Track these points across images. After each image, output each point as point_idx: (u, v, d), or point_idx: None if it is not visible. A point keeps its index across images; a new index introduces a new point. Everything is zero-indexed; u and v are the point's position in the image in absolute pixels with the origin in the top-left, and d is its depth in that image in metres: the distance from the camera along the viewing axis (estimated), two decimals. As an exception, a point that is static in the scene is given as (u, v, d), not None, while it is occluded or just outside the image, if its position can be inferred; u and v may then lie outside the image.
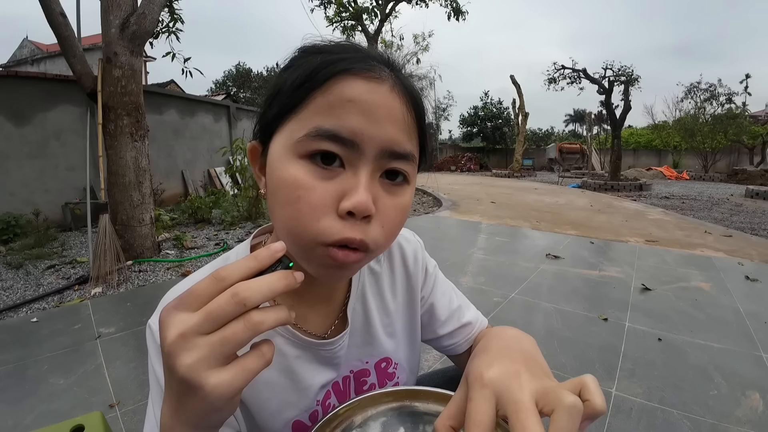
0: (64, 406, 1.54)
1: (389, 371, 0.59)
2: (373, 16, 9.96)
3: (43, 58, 17.53)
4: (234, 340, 0.28)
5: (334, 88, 0.37)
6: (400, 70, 0.42)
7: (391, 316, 0.59)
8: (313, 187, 0.37)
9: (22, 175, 4.54)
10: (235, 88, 26.37)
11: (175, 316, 0.28)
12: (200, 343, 0.27)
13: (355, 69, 0.37)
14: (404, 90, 0.39)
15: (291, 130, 0.38)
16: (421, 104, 0.42)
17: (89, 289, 2.79)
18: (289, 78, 0.39)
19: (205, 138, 7.30)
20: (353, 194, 0.36)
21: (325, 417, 0.44)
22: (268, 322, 0.29)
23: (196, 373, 0.27)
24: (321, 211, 0.37)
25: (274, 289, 0.29)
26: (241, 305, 0.28)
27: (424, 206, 7.18)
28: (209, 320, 0.28)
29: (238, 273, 0.29)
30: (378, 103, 0.37)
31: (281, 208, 0.39)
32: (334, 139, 0.36)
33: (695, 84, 17.27)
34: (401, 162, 0.39)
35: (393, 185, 0.40)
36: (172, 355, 0.28)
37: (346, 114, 0.36)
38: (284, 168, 0.38)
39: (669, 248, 4.01)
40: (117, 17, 3.12)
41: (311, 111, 0.37)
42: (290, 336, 0.50)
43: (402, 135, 0.39)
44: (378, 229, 0.39)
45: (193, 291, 0.29)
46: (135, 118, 3.27)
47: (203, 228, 4.80)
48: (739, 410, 1.52)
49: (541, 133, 30.98)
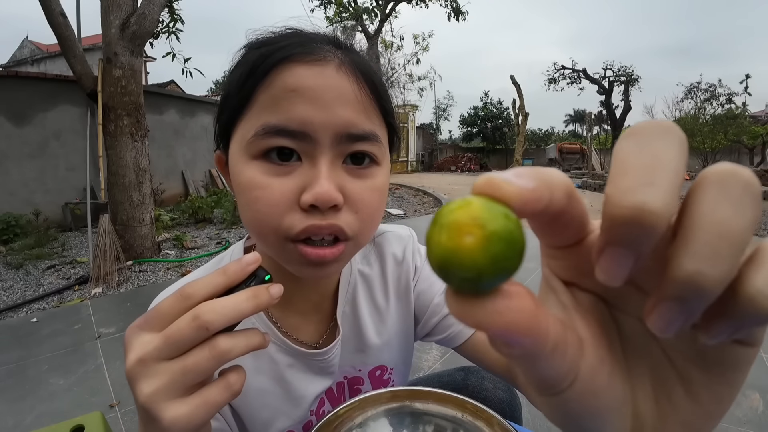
0: (64, 406, 1.54)
1: (384, 378, 0.57)
2: (373, 16, 9.96)
3: (44, 58, 17.54)
4: (196, 371, 0.25)
5: (276, 80, 0.35)
6: (349, 47, 0.39)
7: (384, 321, 0.56)
8: (270, 185, 0.35)
9: (23, 175, 4.54)
10: (235, 89, 26.36)
11: (138, 337, 0.26)
12: (160, 370, 0.25)
13: (294, 55, 0.35)
14: (353, 68, 0.37)
15: (242, 133, 0.37)
16: (377, 80, 0.39)
17: (89, 290, 2.79)
18: (234, 78, 0.38)
19: (206, 138, 7.29)
20: (314, 185, 0.35)
21: (326, 417, 0.44)
22: (237, 349, 0.26)
23: (155, 403, 0.25)
24: (282, 209, 0.35)
25: (241, 311, 0.25)
26: (203, 329, 0.25)
27: (424, 206, 7.18)
28: (169, 345, 0.25)
29: (204, 290, 0.26)
30: (324, 86, 0.35)
31: (244, 211, 0.38)
32: (283, 134, 0.35)
33: (695, 84, 17.25)
34: (363, 143, 0.37)
35: (360, 169, 0.38)
36: (133, 381, 0.25)
37: (291, 105, 0.34)
38: (241, 171, 0.37)
39: (669, 248, 4.01)
40: (117, 17, 3.12)
41: (257, 108, 0.36)
42: (281, 344, 0.48)
43: (358, 115, 0.36)
44: (350, 216, 0.37)
45: (158, 309, 0.26)
46: (135, 118, 3.27)
47: (204, 227, 4.80)
48: (739, 410, 1.52)
49: (541, 133, 31.01)
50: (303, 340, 0.50)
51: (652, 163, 0.12)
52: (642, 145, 0.13)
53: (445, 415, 0.46)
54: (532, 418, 1.49)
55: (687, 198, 0.13)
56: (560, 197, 0.14)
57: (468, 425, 0.44)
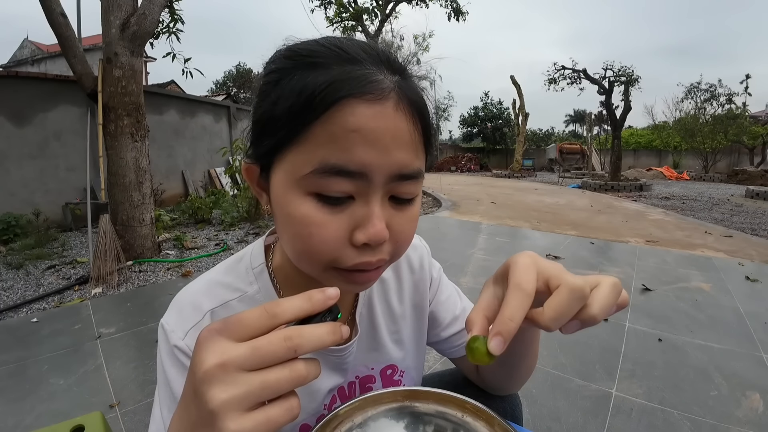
0: (64, 406, 1.54)
1: (395, 378, 0.59)
2: (374, 16, 9.97)
3: (44, 58, 17.54)
4: (275, 388, 0.26)
5: (336, 118, 0.34)
6: (402, 71, 0.38)
7: (397, 322, 0.59)
8: (325, 223, 0.36)
9: (23, 175, 4.54)
10: (235, 89, 26.37)
11: (218, 342, 0.26)
12: (240, 380, 0.25)
13: (356, 93, 0.34)
14: (409, 103, 0.36)
15: (293, 164, 0.36)
16: (427, 111, 0.39)
17: (89, 290, 2.79)
18: (281, 102, 0.36)
19: (206, 138, 7.30)
20: (367, 226, 0.36)
21: (326, 417, 0.44)
22: (311, 376, 0.27)
23: (225, 412, 0.25)
24: (335, 246, 0.37)
25: (324, 342, 0.27)
26: (292, 351, 0.26)
27: (424, 207, 7.18)
28: (255, 357, 0.26)
29: (291, 312, 0.28)
30: (383, 129, 0.35)
31: (293, 241, 0.39)
32: (342, 174, 0.35)
33: (695, 84, 17.25)
34: (410, 182, 0.38)
35: (404, 204, 0.40)
36: (207, 384, 0.26)
37: (351, 146, 0.34)
38: (292, 205, 0.37)
39: (669, 249, 4.00)
40: (117, 18, 3.12)
41: (313, 143, 0.35)
42: None
43: (410, 155, 0.37)
44: (392, 246, 0.40)
45: (241, 320, 0.27)
46: (135, 118, 3.27)
47: (203, 228, 4.80)
48: (740, 411, 1.52)
49: (541, 133, 30.99)
50: None
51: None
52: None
53: (445, 415, 0.46)
54: (532, 418, 1.49)
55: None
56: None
57: (468, 425, 0.44)
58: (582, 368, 1.80)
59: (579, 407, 1.55)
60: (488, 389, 0.62)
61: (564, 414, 1.51)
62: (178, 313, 0.46)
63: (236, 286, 0.49)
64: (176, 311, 0.47)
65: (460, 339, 0.62)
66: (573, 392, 1.63)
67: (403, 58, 0.41)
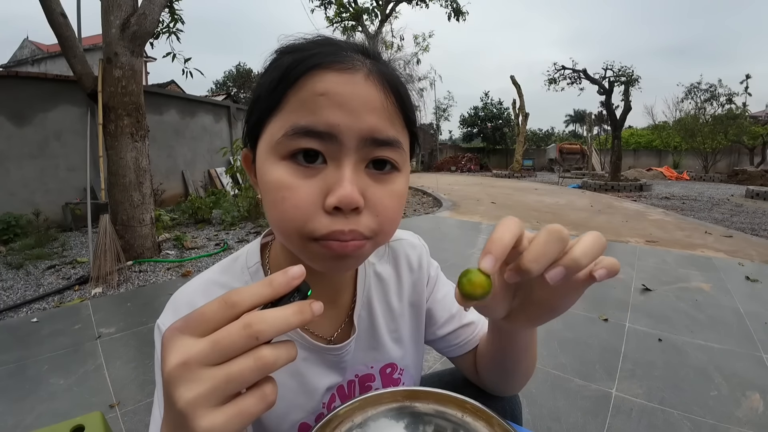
0: (64, 406, 1.54)
1: (394, 377, 0.59)
2: (374, 16, 9.97)
3: (44, 58, 17.53)
4: (240, 380, 0.25)
5: (306, 84, 0.37)
6: (377, 57, 0.41)
7: (396, 321, 0.59)
8: (297, 186, 0.37)
9: (23, 175, 4.54)
10: (235, 89, 26.38)
11: (179, 340, 0.26)
12: (204, 376, 0.25)
13: (325, 63, 0.37)
14: (381, 77, 0.39)
15: (271, 133, 0.39)
16: (403, 90, 0.41)
17: (89, 290, 2.79)
18: (266, 81, 0.39)
19: (206, 138, 7.30)
20: (337, 189, 0.36)
21: (326, 417, 0.44)
22: (281, 361, 0.26)
23: (193, 409, 0.24)
24: (307, 210, 0.37)
25: (290, 323, 0.26)
26: (253, 339, 0.25)
27: (424, 206, 7.18)
28: (216, 351, 0.25)
29: (250, 299, 0.26)
30: (352, 93, 0.37)
31: (270, 210, 0.40)
32: (311, 135, 0.36)
33: (695, 84, 17.25)
34: (386, 149, 0.39)
35: (382, 174, 0.40)
36: (172, 385, 0.25)
37: (319, 108, 0.36)
38: (268, 171, 0.38)
39: (669, 249, 4.00)
40: (117, 18, 3.13)
41: (287, 111, 0.37)
42: (298, 338, 0.50)
43: (383, 122, 0.38)
44: (371, 219, 0.39)
45: (201, 314, 0.26)
46: (135, 118, 3.27)
47: (203, 228, 4.80)
48: (740, 411, 1.52)
49: (541, 133, 31.02)
50: (318, 334, 0.52)
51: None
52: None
53: (445, 415, 0.46)
54: (532, 418, 1.49)
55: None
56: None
57: (468, 425, 0.44)
58: (582, 368, 1.80)
59: (579, 407, 1.55)
60: (487, 390, 0.62)
61: (564, 414, 1.51)
62: (174, 313, 0.47)
63: (232, 285, 0.49)
64: (172, 311, 0.47)
65: (457, 338, 0.62)
66: (573, 392, 1.63)
67: (404, 58, 0.43)
